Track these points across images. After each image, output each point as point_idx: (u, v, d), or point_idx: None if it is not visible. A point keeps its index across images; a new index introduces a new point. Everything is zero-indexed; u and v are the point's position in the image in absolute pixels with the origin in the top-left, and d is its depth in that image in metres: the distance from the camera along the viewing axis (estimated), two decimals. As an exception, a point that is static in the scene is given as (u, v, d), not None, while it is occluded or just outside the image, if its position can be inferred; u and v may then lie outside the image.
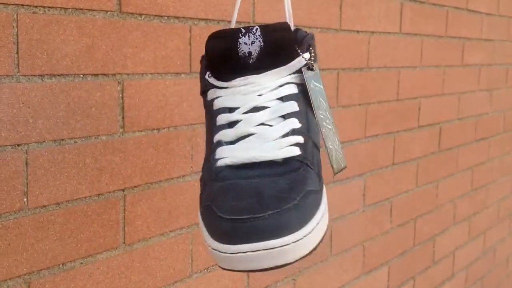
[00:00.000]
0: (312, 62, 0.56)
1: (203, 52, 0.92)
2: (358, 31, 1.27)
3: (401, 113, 1.46)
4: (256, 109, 0.53)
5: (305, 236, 0.47)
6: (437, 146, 1.65)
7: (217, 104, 0.54)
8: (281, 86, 0.54)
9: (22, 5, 0.69)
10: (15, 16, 0.69)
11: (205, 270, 0.97)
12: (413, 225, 1.57)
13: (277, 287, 1.13)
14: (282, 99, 0.53)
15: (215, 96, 0.55)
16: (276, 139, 0.51)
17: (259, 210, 0.45)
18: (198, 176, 0.94)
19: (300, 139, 0.52)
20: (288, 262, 0.46)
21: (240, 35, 0.53)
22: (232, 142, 0.52)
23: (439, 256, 1.75)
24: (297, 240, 0.46)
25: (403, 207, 1.52)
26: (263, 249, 0.45)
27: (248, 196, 0.47)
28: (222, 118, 0.53)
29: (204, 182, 0.53)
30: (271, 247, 0.45)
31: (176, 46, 0.88)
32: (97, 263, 0.81)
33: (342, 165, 0.57)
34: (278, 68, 0.54)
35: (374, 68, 1.34)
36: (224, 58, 0.53)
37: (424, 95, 1.55)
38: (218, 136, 0.53)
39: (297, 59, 0.55)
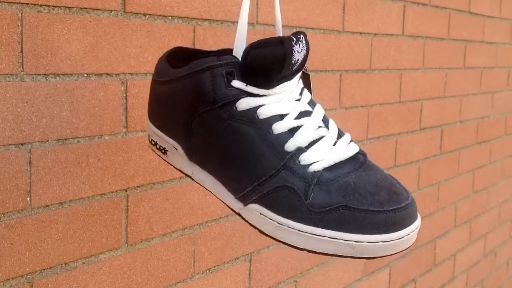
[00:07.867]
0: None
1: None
2: (361, 33, 1.27)
3: (403, 115, 1.45)
4: (303, 114, 0.55)
5: None
6: (439, 148, 1.65)
7: (265, 113, 0.53)
8: (301, 90, 0.57)
9: (27, 4, 0.69)
10: (19, 15, 0.69)
11: (207, 271, 0.97)
12: (414, 227, 1.57)
13: (278, 289, 1.13)
14: (309, 103, 0.56)
15: (256, 105, 0.54)
16: (338, 139, 0.55)
17: (402, 197, 0.52)
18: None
19: (349, 135, 0.56)
20: None
21: (293, 43, 0.53)
22: (307, 147, 0.53)
23: (440, 259, 1.75)
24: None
25: (404, 210, 1.51)
26: (417, 227, 0.52)
27: (376, 189, 0.52)
28: (279, 126, 0.53)
29: (302, 190, 0.52)
30: (419, 224, 0.53)
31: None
32: (100, 263, 0.81)
33: None
34: (299, 74, 0.56)
35: (376, 70, 1.33)
36: (277, 66, 0.53)
37: (426, 98, 1.55)
38: (293, 143, 0.53)
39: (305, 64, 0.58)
